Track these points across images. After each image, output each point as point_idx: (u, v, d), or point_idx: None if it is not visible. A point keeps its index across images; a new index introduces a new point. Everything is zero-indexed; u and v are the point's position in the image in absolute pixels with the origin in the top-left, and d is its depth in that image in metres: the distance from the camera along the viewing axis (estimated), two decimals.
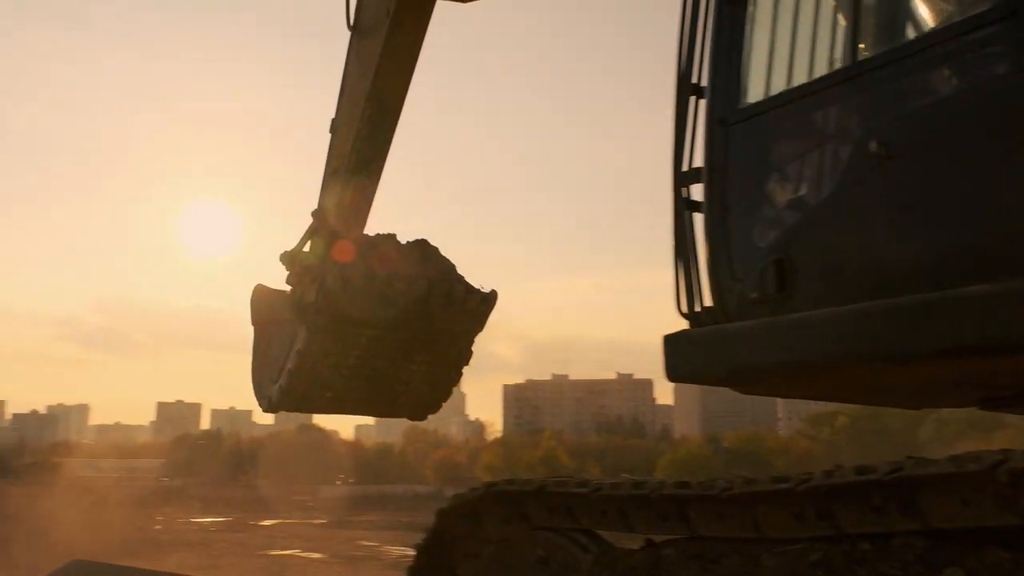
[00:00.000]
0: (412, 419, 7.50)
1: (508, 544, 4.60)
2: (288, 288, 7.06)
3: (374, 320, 6.39)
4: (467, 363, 7.19)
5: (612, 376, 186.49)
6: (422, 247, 6.90)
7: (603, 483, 4.26)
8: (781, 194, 3.99)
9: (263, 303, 7.33)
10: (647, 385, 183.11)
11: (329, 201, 7.33)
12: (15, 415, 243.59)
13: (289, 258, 7.16)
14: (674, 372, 4.12)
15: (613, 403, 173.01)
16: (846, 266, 3.67)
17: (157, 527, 41.99)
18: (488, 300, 6.95)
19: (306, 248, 6.99)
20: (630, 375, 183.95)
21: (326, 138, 7.51)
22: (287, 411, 7.16)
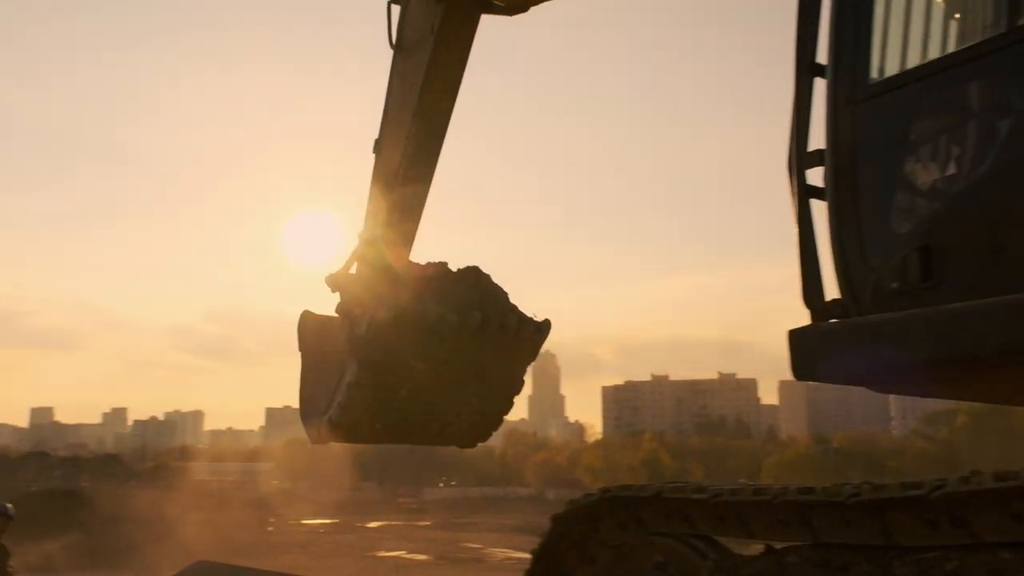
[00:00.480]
0: (461, 447, 7.34)
1: (625, 549, 4.58)
2: (335, 314, 6.94)
3: (426, 354, 6.27)
4: (518, 392, 7.05)
5: (713, 376, 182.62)
6: (475, 276, 6.72)
7: (722, 488, 4.19)
8: (923, 175, 3.66)
9: (310, 330, 7.15)
10: (750, 385, 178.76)
11: (375, 222, 7.19)
12: (136, 421, 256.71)
13: (334, 281, 7.09)
14: (803, 370, 3.82)
15: (715, 403, 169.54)
16: (1009, 251, 3.31)
17: (269, 529, 43.37)
18: (542, 329, 6.79)
19: (352, 270, 6.94)
20: (732, 375, 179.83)
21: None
22: (336, 442, 6.99)
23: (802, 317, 3.96)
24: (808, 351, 3.80)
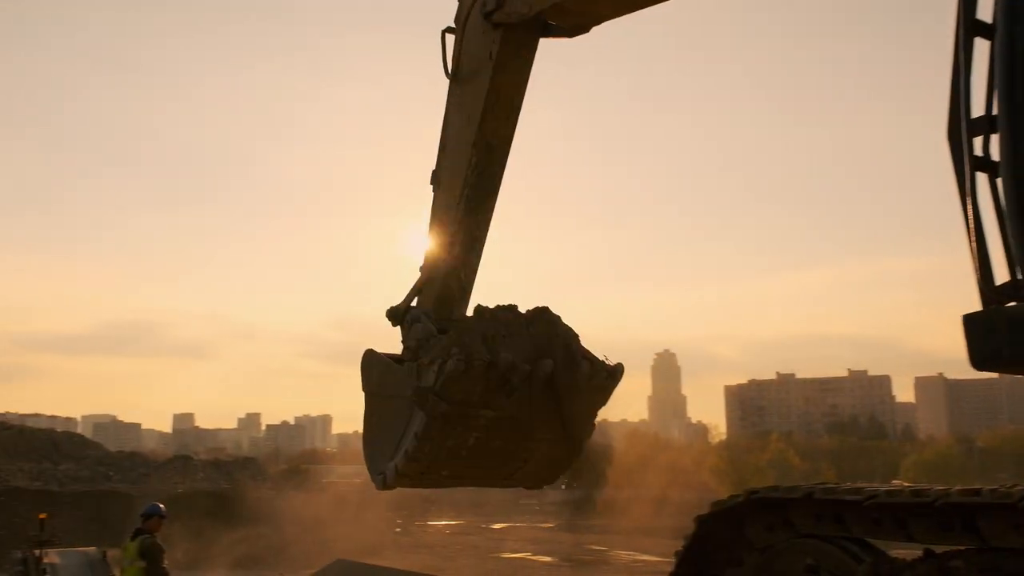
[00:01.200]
0: (528, 488, 7.16)
1: (773, 552, 4.44)
2: (398, 350, 6.93)
3: (496, 403, 6.10)
4: (589, 436, 6.78)
5: (843, 373, 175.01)
6: (546, 320, 6.48)
7: (878, 489, 4.00)
8: None
9: (374, 371, 7.01)
10: (884, 382, 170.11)
11: (436, 256, 7.07)
12: (268, 426, 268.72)
13: (396, 316, 7.05)
14: (984, 359, 3.46)
15: (845, 402, 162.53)
16: None
17: (397, 530, 44.41)
18: (615, 375, 6.54)
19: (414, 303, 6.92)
20: (864, 371, 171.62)
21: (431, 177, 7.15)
22: (402, 487, 6.85)
23: (935, 308, 3.60)
24: (990, 338, 3.45)
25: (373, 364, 6.98)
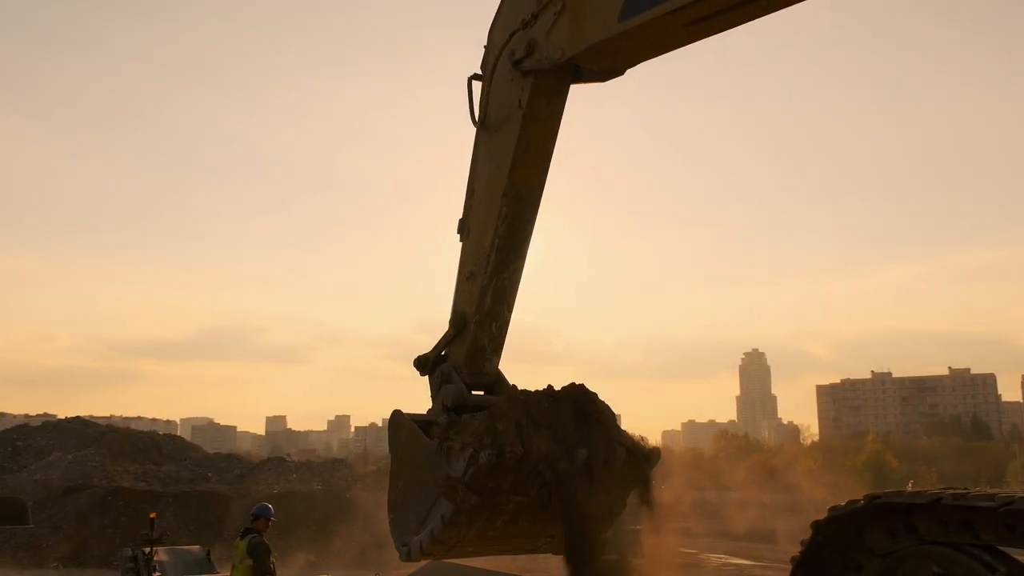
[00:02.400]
0: (555, 554, 6.80)
1: (895, 559, 4.21)
2: (426, 415, 6.84)
3: (527, 490, 5.92)
4: (620, 514, 6.58)
5: (943, 372, 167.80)
6: (581, 402, 6.27)
7: (1012, 495, 3.74)
8: None
9: (402, 435, 6.89)
10: (988, 380, 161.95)
11: (467, 307, 6.87)
12: (357, 428, 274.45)
13: (423, 364, 6.93)
14: None
15: (946, 402, 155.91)
16: None
17: None
18: (651, 460, 6.36)
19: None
20: (966, 370, 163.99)
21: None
22: (426, 559, 6.71)
23: None
24: None
25: (401, 427, 6.86)
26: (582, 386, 6.50)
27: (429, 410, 7.21)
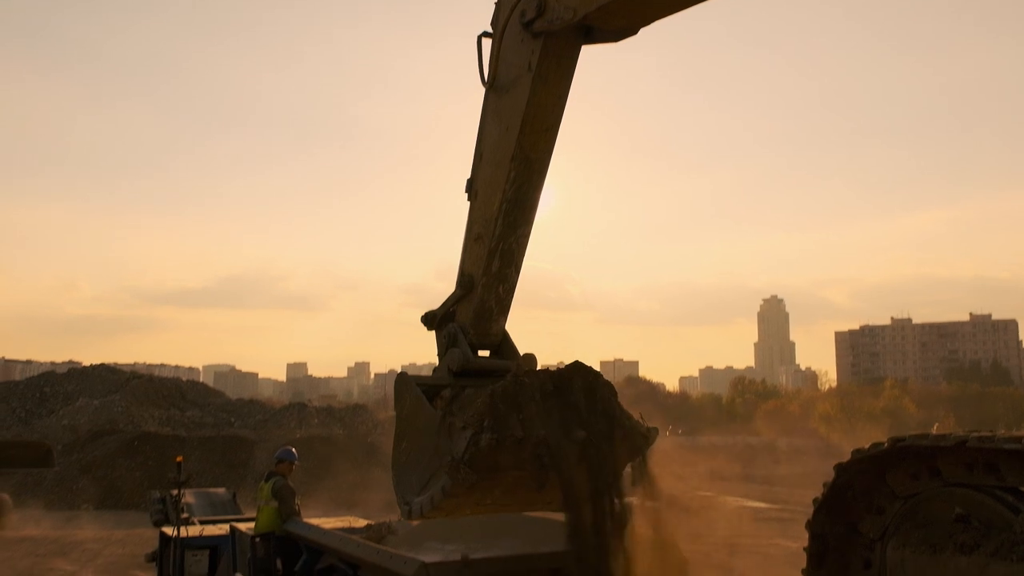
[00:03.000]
0: (554, 511, 6.93)
1: (917, 500, 4.21)
2: (432, 375, 6.97)
3: (524, 466, 5.98)
4: (617, 488, 6.48)
5: (964, 318, 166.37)
6: (583, 380, 6.32)
7: None
8: None
9: (407, 399, 6.96)
10: (1010, 327, 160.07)
11: (474, 269, 6.87)
12: (376, 374, 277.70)
13: (430, 320, 7.04)
14: None
15: (966, 348, 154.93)
16: None
17: None
18: (649, 438, 6.40)
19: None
20: (987, 316, 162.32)
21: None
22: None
23: None
24: None
25: (406, 390, 6.96)
26: (580, 364, 6.60)
27: (435, 369, 7.34)
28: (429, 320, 7.18)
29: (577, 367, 6.50)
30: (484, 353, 7.21)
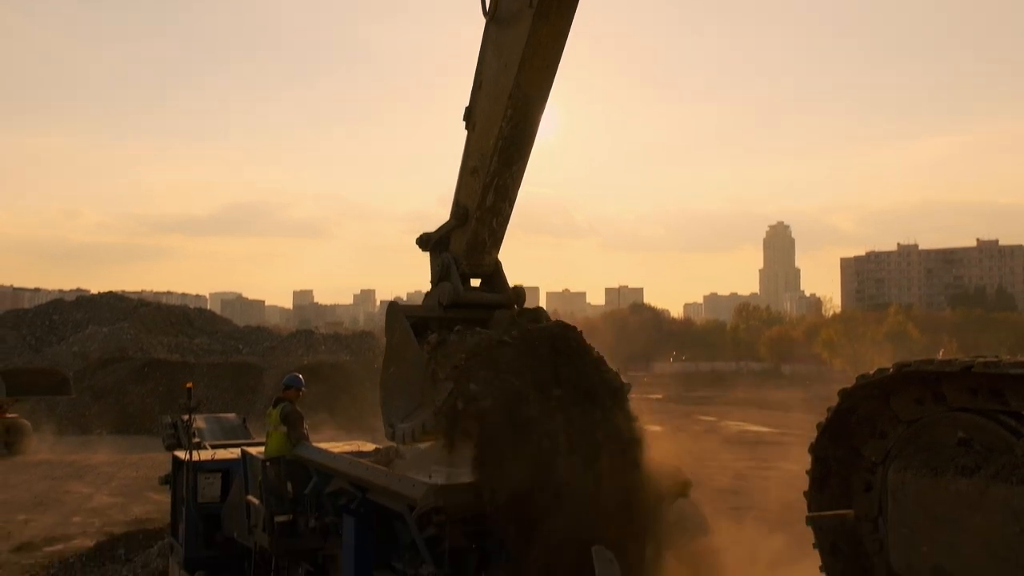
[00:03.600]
0: None
1: (920, 425, 4.25)
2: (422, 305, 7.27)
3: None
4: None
5: (971, 244, 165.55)
6: (560, 341, 6.51)
7: None
8: None
9: (397, 330, 7.18)
10: (1016, 252, 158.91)
11: (469, 201, 6.98)
12: (382, 302, 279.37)
13: (425, 242, 7.25)
14: None
15: (971, 274, 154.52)
16: None
17: None
18: (621, 392, 6.60)
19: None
20: (994, 241, 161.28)
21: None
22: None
23: None
24: None
25: (396, 322, 7.16)
26: (563, 324, 6.82)
27: (427, 295, 7.53)
28: (424, 242, 7.38)
29: (558, 326, 6.73)
30: (476, 283, 7.46)
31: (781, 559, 6.60)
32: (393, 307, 7.47)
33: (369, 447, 8.68)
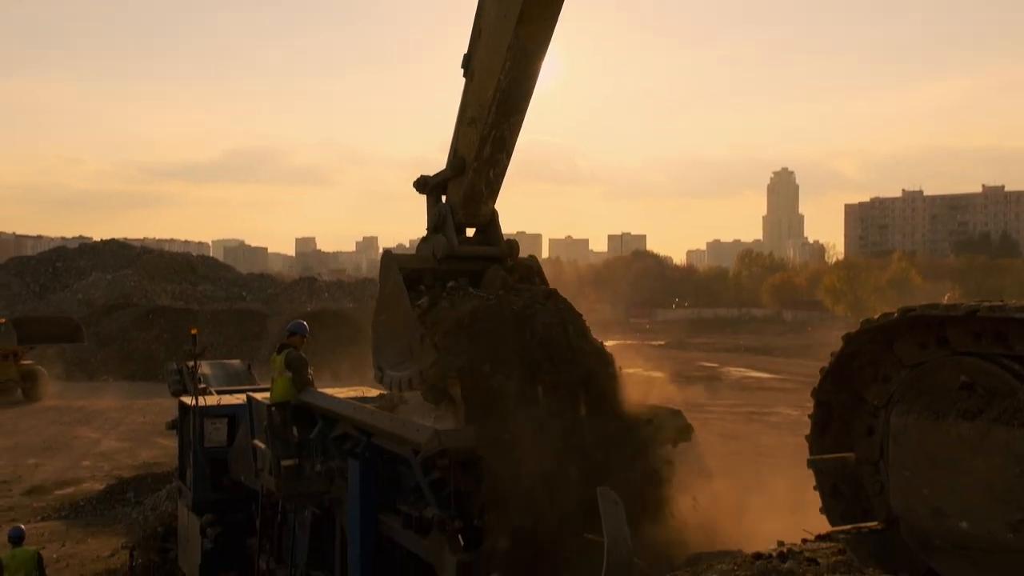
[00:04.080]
0: None
1: (923, 369, 4.25)
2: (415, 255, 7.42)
3: None
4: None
5: (976, 190, 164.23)
6: (545, 304, 6.69)
7: None
8: None
9: (389, 281, 7.29)
10: (1022, 198, 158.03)
11: (466, 152, 6.95)
12: (385, 248, 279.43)
13: (422, 185, 7.31)
14: None
15: (977, 220, 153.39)
16: None
17: None
18: (608, 362, 6.81)
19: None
20: (1000, 187, 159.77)
21: None
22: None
23: None
24: None
25: (390, 273, 7.28)
26: (548, 292, 7.07)
27: (422, 242, 7.62)
28: (421, 185, 7.44)
29: (540, 294, 6.93)
30: (471, 232, 7.56)
31: (781, 503, 6.68)
32: (387, 256, 7.54)
33: (373, 393, 8.76)
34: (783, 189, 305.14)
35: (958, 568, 3.90)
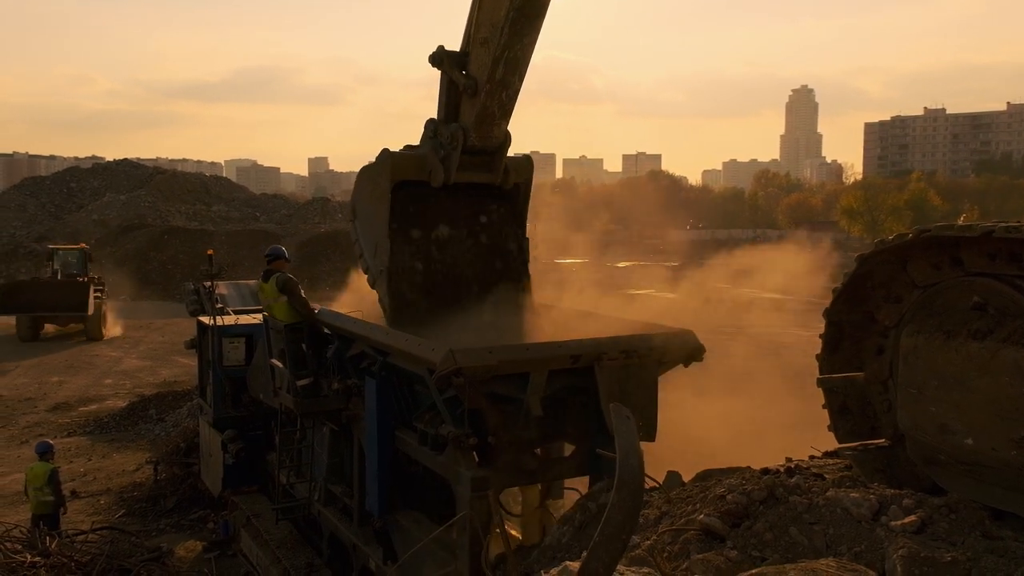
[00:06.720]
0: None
1: (937, 290, 4.26)
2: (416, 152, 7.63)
3: None
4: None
5: (1000, 107, 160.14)
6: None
7: None
8: None
9: (380, 184, 7.60)
10: None
11: (479, 73, 6.83)
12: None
13: (436, 60, 7.23)
14: None
15: (1000, 139, 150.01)
16: None
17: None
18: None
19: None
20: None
21: None
22: None
23: None
24: None
25: (382, 178, 7.59)
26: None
27: (427, 139, 7.63)
28: (437, 59, 7.27)
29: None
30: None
31: (791, 421, 6.79)
32: (384, 157, 7.58)
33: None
34: (801, 108, 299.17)
35: (961, 483, 3.98)
